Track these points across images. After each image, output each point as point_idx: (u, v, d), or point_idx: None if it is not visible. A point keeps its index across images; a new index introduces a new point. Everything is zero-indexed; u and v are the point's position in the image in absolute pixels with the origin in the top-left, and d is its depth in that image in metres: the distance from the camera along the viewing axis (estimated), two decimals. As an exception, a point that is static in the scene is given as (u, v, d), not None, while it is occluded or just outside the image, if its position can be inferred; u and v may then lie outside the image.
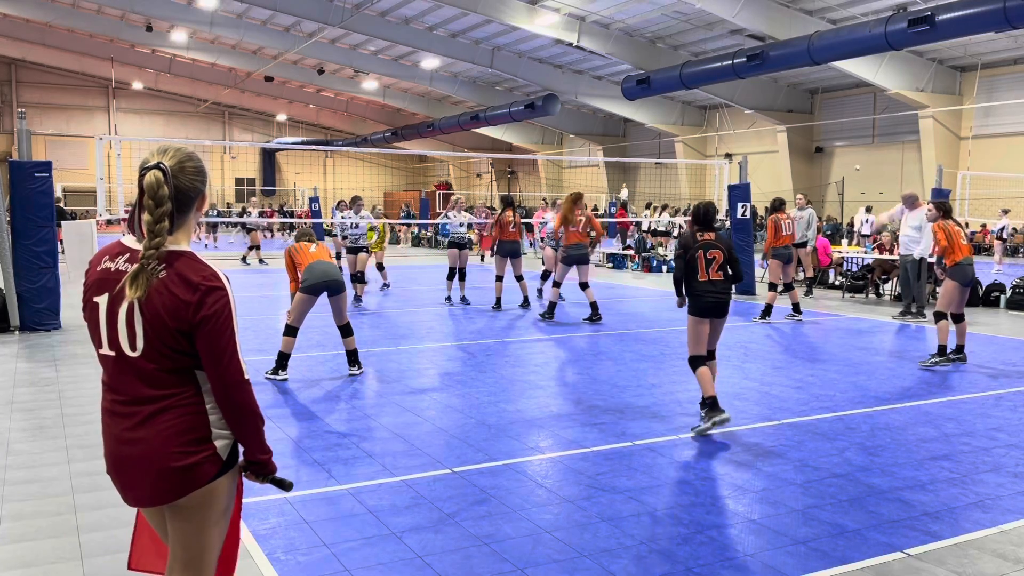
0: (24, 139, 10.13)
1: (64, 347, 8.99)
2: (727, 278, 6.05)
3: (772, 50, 20.48)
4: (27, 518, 4.23)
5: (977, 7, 15.42)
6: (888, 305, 13.48)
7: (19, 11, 31.74)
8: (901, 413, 6.45)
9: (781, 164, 31.81)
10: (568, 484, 4.76)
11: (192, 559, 2.36)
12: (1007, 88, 25.95)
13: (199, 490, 2.30)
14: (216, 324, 2.23)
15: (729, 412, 5.86)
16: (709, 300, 5.94)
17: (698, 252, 5.97)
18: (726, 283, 6.04)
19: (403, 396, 6.86)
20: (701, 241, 5.99)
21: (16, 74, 43.53)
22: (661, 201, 30.93)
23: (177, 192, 2.29)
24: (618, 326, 10.88)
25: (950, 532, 4.11)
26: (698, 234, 6.05)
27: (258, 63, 37.19)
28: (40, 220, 9.88)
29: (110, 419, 2.34)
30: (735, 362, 8.43)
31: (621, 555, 3.81)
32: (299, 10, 26.47)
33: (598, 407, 6.54)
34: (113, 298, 2.27)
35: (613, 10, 25.05)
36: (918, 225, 11.46)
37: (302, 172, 50.28)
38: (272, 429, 5.62)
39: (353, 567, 3.66)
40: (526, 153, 42.31)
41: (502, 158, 41.42)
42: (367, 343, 9.48)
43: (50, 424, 5.94)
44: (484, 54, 31.21)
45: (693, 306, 5.99)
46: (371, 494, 4.55)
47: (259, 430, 2.37)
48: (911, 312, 11.85)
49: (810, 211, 15.04)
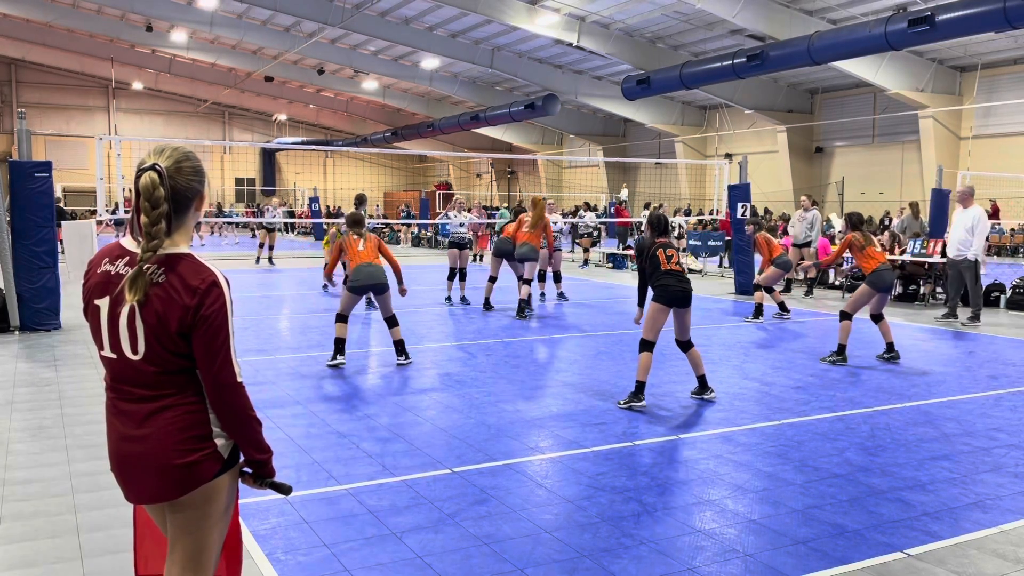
0: (24, 139, 10.13)
1: (64, 347, 8.99)
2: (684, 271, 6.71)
3: (772, 50, 20.48)
4: (27, 518, 4.23)
5: (977, 7, 15.42)
6: (888, 305, 13.45)
7: (19, 11, 31.75)
8: (901, 413, 6.45)
9: (781, 164, 31.81)
10: (568, 484, 4.76)
11: (191, 558, 2.36)
12: (1007, 88, 25.96)
13: (200, 488, 2.30)
14: (211, 325, 2.23)
15: (725, 412, 5.85)
16: (675, 289, 6.47)
17: (657, 250, 6.64)
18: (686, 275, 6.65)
19: (403, 396, 6.86)
20: (659, 242, 6.70)
21: (16, 74, 43.56)
22: (659, 201, 30.98)
23: (174, 193, 2.27)
24: (618, 326, 10.87)
25: (950, 532, 4.11)
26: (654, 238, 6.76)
27: (258, 63, 37.20)
28: (40, 220, 9.87)
29: (113, 418, 2.35)
30: (735, 362, 8.43)
31: (621, 555, 3.81)
32: (299, 10, 26.48)
33: (598, 407, 6.54)
34: (114, 301, 2.27)
35: (613, 10, 25.06)
36: (971, 226, 10.94)
37: (302, 172, 50.31)
38: (272, 429, 5.62)
39: (353, 567, 3.66)
40: (526, 153, 42.31)
41: (502, 158, 41.45)
42: (367, 343, 9.48)
43: (50, 424, 5.94)
44: (484, 54, 31.22)
45: (659, 295, 6.51)
46: (371, 494, 4.55)
47: (255, 432, 2.36)
48: (956, 316, 11.30)
49: (814, 212, 15.04)
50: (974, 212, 10.95)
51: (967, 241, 11.02)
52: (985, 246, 12.11)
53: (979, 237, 10.92)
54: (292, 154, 50.17)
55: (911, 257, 13.57)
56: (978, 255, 11.05)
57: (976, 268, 11.13)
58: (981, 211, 11.09)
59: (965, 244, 11.05)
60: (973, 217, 10.93)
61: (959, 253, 11.17)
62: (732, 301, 13.82)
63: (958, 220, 11.19)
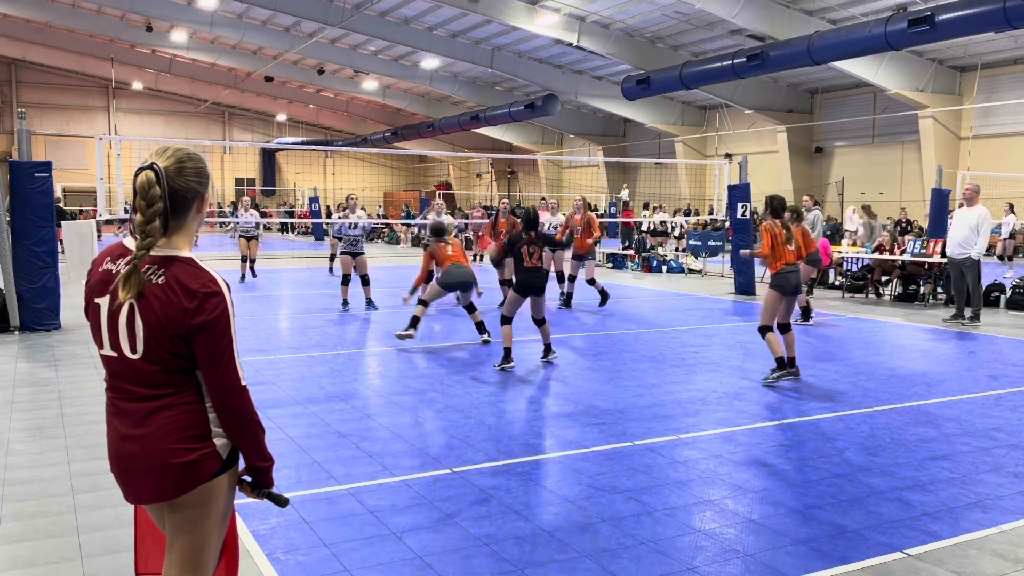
0: (24, 139, 10.13)
1: (64, 347, 8.99)
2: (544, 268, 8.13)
3: (772, 50, 20.48)
4: (27, 518, 4.23)
5: (977, 7, 15.42)
6: (888, 305, 13.49)
7: (19, 11, 31.74)
8: (901, 413, 6.45)
9: (781, 164, 31.80)
10: (568, 484, 4.76)
11: (190, 558, 2.36)
12: (1007, 88, 25.94)
13: (200, 487, 2.29)
14: (214, 330, 2.22)
15: (725, 412, 5.85)
16: (532, 283, 7.97)
17: (522, 248, 7.95)
18: (544, 270, 8.12)
19: (403, 396, 6.86)
20: (526, 238, 7.97)
21: (16, 74, 43.54)
22: (659, 202, 30.98)
23: (173, 193, 2.26)
24: (618, 326, 10.88)
25: (950, 532, 4.11)
26: (524, 233, 8.00)
27: (258, 63, 37.18)
28: (40, 220, 9.88)
29: (112, 417, 2.35)
30: (735, 362, 8.43)
31: (621, 555, 3.81)
32: (299, 10, 26.46)
33: (598, 407, 6.54)
34: (113, 299, 2.27)
35: (613, 10, 25.05)
36: (976, 224, 10.80)
37: (302, 172, 50.29)
38: (272, 429, 5.62)
39: (353, 567, 3.66)
40: (526, 153, 42.29)
41: (502, 158, 41.44)
42: (367, 343, 9.48)
43: (50, 424, 5.94)
44: (484, 54, 31.21)
45: (518, 286, 8.00)
46: (371, 494, 4.55)
47: (258, 437, 2.35)
48: (964, 317, 11.18)
49: (816, 213, 15.03)
50: (979, 211, 10.87)
51: (971, 240, 10.90)
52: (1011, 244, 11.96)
53: (983, 236, 10.86)
54: (292, 154, 50.16)
55: (911, 257, 13.58)
56: (980, 255, 10.99)
57: (978, 267, 11.06)
58: (986, 210, 11.04)
59: (968, 243, 10.93)
60: (978, 216, 10.84)
61: (962, 252, 11.01)
62: (732, 301, 13.82)
63: (962, 219, 11.04)
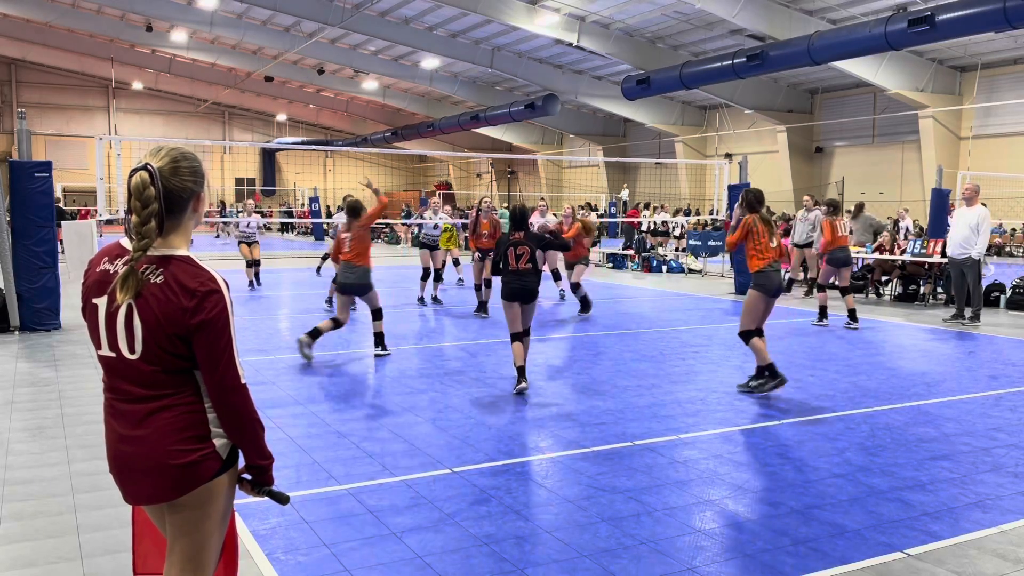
0: (24, 139, 10.13)
1: (64, 347, 8.99)
2: (534, 270, 7.09)
3: (772, 50, 20.47)
4: (27, 518, 4.23)
5: (977, 7, 15.42)
6: (888, 305, 13.49)
7: (19, 11, 31.75)
8: (901, 413, 6.45)
9: (781, 164, 31.80)
10: (568, 484, 4.76)
11: (190, 559, 2.36)
12: (1007, 88, 25.94)
13: (199, 488, 2.29)
14: (214, 329, 2.22)
15: (725, 412, 5.85)
16: (515, 286, 7.02)
17: (508, 249, 7.12)
18: (533, 274, 7.07)
19: (403, 396, 6.86)
20: (513, 239, 7.15)
21: (16, 74, 43.55)
22: (659, 202, 30.98)
23: (169, 193, 2.26)
24: (618, 326, 10.88)
25: (950, 532, 4.11)
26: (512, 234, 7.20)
27: (258, 63, 37.19)
28: (40, 220, 9.88)
29: (111, 418, 2.34)
30: (735, 362, 8.43)
31: (621, 555, 3.81)
32: (299, 10, 26.47)
33: (598, 407, 6.54)
34: (111, 300, 2.27)
35: (613, 10, 25.06)
36: (976, 224, 10.77)
37: (302, 172, 50.29)
38: (272, 429, 5.62)
39: (353, 567, 3.66)
40: (526, 153, 42.29)
41: (502, 158, 41.46)
42: (366, 344, 9.47)
43: (50, 424, 5.94)
44: (484, 54, 31.21)
45: (503, 291, 7.09)
46: (371, 494, 4.55)
47: (258, 435, 2.35)
48: (964, 317, 11.16)
49: (816, 213, 15.01)
50: (979, 211, 10.85)
51: (971, 239, 10.89)
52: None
53: (983, 236, 10.85)
54: (292, 154, 50.16)
55: (911, 257, 13.57)
56: (981, 255, 10.97)
57: (979, 267, 11.05)
58: (986, 210, 11.03)
59: (969, 242, 10.92)
60: (978, 215, 10.82)
61: (962, 251, 10.99)
62: (732, 301, 13.81)
63: (962, 218, 11.03)
